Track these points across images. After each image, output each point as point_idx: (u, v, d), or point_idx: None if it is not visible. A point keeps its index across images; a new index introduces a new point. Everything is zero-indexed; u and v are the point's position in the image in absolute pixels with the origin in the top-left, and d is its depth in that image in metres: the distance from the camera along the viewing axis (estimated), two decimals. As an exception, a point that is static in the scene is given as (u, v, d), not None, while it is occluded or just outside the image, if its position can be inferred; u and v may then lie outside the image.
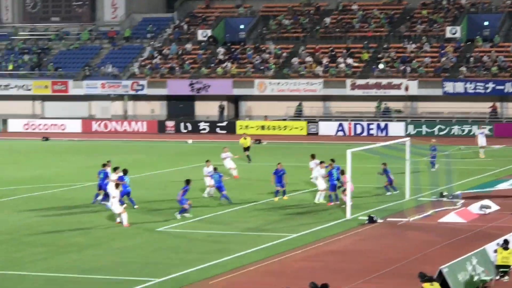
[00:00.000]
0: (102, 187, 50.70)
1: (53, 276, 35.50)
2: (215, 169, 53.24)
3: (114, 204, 44.56)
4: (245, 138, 71.77)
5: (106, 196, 49.24)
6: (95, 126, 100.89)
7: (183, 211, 46.73)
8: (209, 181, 53.56)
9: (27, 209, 50.29)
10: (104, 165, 52.32)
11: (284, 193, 52.42)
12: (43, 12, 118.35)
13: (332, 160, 52.77)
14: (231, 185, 56.30)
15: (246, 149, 70.42)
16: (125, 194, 49.54)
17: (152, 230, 44.70)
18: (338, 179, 51.28)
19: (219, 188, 51.88)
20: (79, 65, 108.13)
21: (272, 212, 49.23)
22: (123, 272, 36.18)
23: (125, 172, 50.98)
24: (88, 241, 42.06)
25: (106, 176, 51.19)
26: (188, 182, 46.64)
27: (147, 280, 34.70)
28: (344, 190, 48.69)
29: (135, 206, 49.51)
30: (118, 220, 44.53)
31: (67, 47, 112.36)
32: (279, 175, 51.87)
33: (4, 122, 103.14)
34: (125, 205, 46.43)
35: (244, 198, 53.57)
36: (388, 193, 53.76)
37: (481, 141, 72.77)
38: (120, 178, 49.97)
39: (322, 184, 51.38)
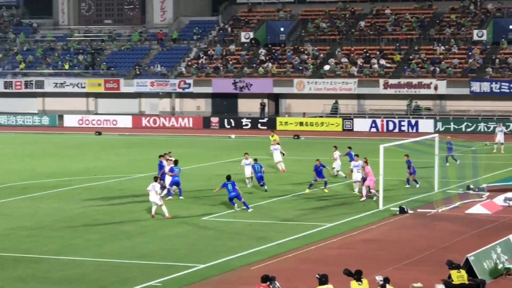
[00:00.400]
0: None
1: (105, 261, 35.61)
2: (255, 160, 53.19)
3: (152, 196, 44.20)
4: (273, 134, 68.95)
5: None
6: (144, 121, 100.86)
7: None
8: (248, 172, 53.65)
9: (82, 199, 50.39)
10: (160, 156, 52.42)
11: (325, 184, 52.01)
12: (96, 15, 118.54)
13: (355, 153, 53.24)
14: (272, 177, 56.17)
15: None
16: (174, 183, 49.41)
17: (197, 219, 44.51)
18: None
19: (260, 178, 51.73)
20: (130, 65, 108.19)
21: (309, 203, 49.01)
22: (170, 258, 36.24)
23: (175, 162, 50.84)
24: (138, 229, 42.03)
25: (161, 167, 51.29)
26: (228, 178, 46.39)
27: (192, 265, 34.74)
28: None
29: (181, 197, 49.33)
30: (153, 212, 44.07)
31: (118, 48, 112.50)
32: (318, 171, 51.50)
33: (60, 117, 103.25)
34: (170, 197, 46.20)
35: (283, 189, 53.35)
36: (407, 186, 53.17)
37: (500, 138, 72.37)
38: (171, 170, 49.98)
39: (357, 176, 51.01)
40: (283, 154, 60.27)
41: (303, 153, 67.23)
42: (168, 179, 49.70)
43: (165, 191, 49.29)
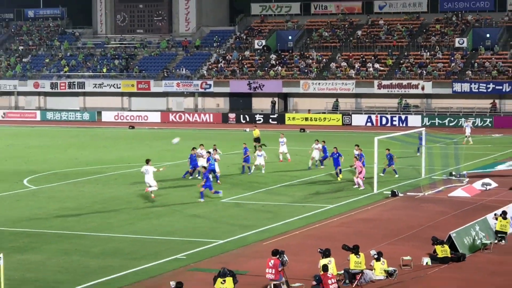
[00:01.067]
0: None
1: (137, 238, 35.68)
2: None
3: (147, 178, 44.15)
4: (255, 128, 68.46)
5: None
6: (171, 117, 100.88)
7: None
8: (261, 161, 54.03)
9: (117, 184, 50.41)
10: (193, 149, 52.25)
11: (340, 172, 51.63)
12: (130, 25, 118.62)
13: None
14: (281, 166, 56.08)
15: (257, 139, 65.33)
16: (211, 170, 49.38)
17: (217, 201, 44.51)
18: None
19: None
20: (159, 68, 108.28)
21: (313, 188, 49.02)
22: (193, 234, 36.29)
23: (209, 153, 51.45)
24: (165, 210, 42.06)
25: (193, 158, 51.64)
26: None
27: (212, 241, 34.76)
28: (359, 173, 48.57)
29: (218, 181, 49.18)
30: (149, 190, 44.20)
31: (149, 54, 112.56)
32: (335, 158, 51.40)
33: (99, 113, 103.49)
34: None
35: (291, 175, 53.24)
36: (381, 174, 52.10)
37: (467, 131, 72.58)
38: (208, 159, 50.16)
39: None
40: (265, 145, 59.19)
41: (309, 144, 67.04)
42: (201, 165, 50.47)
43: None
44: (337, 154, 51.52)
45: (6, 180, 51.95)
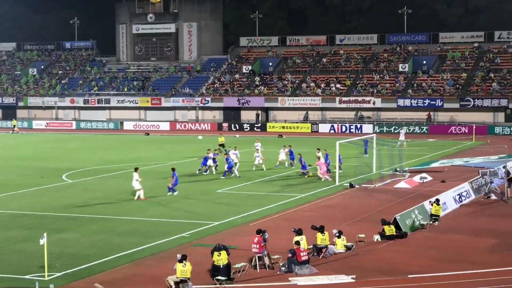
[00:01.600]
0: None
1: (151, 220, 35.68)
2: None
3: (133, 183, 42.04)
4: (220, 136, 66.79)
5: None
6: (178, 126, 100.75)
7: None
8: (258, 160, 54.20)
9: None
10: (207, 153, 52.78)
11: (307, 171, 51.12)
12: (145, 54, 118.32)
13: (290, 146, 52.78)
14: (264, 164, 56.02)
15: (222, 145, 64.16)
16: (230, 167, 49.60)
17: (213, 191, 44.47)
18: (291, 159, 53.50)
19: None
20: (168, 88, 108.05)
21: (288, 181, 48.96)
22: (194, 217, 36.31)
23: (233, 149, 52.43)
24: (173, 199, 42.00)
25: (206, 159, 51.77)
26: (173, 169, 44.64)
27: (209, 223, 34.79)
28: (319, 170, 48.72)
29: (238, 176, 50.00)
30: (136, 196, 41.77)
31: (160, 76, 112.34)
32: (303, 163, 50.96)
33: (121, 123, 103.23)
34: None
35: (270, 172, 53.23)
36: (341, 171, 50.79)
37: (402, 137, 72.76)
38: (227, 159, 50.49)
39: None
40: (226, 150, 58.39)
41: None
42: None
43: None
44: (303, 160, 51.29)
45: (49, 175, 51.88)
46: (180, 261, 24.05)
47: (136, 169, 42.69)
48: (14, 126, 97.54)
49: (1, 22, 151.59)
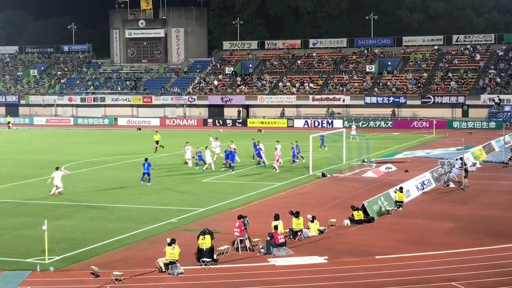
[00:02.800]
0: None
1: (143, 207, 35.65)
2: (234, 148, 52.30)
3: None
4: (156, 134, 63.44)
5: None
6: (167, 121, 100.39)
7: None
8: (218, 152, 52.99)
9: (128, 170, 50.12)
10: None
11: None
12: (137, 56, 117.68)
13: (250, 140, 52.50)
14: (241, 157, 55.82)
15: (157, 142, 61.92)
16: (232, 159, 48.98)
17: (199, 181, 44.41)
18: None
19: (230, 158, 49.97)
20: (158, 87, 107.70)
21: (266, 172, 48.83)
22: (183, 204, 36.35)
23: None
24: (163, 187, 42.00)
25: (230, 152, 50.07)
26: (146, 159, 44.03)
27: (196, 209, 34.89)
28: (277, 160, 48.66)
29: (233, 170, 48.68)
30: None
31: (151, 77, 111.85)
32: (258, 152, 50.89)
33: (115, 119, 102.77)
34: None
35: (251, 163, 53.14)
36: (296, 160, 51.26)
37: (354, 131, 72.04)
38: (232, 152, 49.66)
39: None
40: (162, 147, 58.36)
41: (264, 139, 67.28)
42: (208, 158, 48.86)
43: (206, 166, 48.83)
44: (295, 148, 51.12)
45: (49, 167, 51.40)
46: (169, 244, 24.02)
47: (57, 168, 40.49)
48: (9, 122, 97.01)
49: (4, 27, 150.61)
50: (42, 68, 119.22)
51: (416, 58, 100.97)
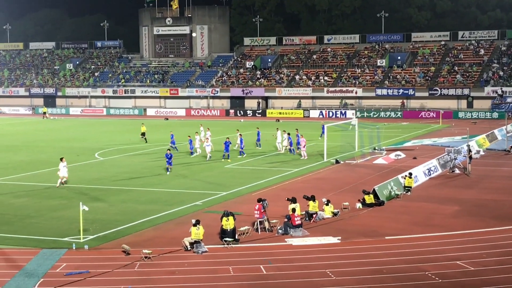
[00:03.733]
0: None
1: (170, 191, 35.68)
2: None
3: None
4: (142, 126, 62.15)
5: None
6: (192, 112, 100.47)
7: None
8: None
9: (156, 156, 50.23)
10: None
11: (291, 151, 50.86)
12: (164, 52, 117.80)
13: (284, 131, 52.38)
14: (263, 144, 55.74)
15: (143, 134, 60.73)
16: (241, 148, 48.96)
17: (222, 166, 44.46)
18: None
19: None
20: (184, 80, 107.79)
21: (283, 158, 48.79)
22: (207, 188, 36.35)
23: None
24: (188, 172, 42.05)
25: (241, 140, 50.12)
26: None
27: (218, 193, 34.85)
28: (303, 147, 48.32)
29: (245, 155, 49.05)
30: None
31: (177, 71, 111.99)
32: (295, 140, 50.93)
33: (145, 110, 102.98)
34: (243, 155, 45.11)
35: (269, 150, 53.09)
36: (291, 153, 50.65)
37: (354, 121, 70.78)
38: (241, 140, 49.57)
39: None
40: (145, 140, 57.51)
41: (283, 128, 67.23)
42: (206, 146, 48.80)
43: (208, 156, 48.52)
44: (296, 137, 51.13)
45: (84, 154, 51.93)
46: (194, 225, 24.10)
47: (61, 159, 38.17)
48: (45, 112, 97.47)
49: (42, 25, 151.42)
50: (77, 62, 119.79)
51: (424, 53, 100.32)
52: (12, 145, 58.93)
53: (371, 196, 31.57)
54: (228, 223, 24.75)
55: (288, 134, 51.17)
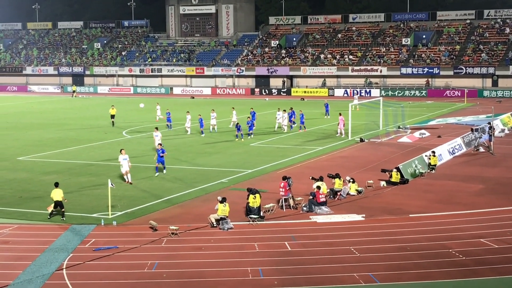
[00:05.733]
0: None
1: (196, 169, 35.84)
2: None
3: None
4: (112, 108, 58.17)
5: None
6: (218, 91, 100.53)
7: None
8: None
9: (182, 134, 50.26)
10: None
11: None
12: (190, 31, 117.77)
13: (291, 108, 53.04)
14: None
15: (112, 116, 57.05)
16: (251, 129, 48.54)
17: (247, 145, 44.49)
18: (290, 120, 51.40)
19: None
20: (210, 59, 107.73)
21: (307, 136, 48.69)
22: (232, 166, 36.40)
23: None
24: (214, 150, 42.15)
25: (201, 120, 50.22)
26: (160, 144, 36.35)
27: (244, 170, 34.94)
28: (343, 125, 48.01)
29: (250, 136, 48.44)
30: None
31: (203, 50, 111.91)
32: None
33: (171, 89, 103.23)
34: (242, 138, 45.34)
35: (291, 130, 52.97)
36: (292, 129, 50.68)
37: (356, 101, 68.92)
38: (247, 122, 49.13)
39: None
40: (113, 125, 55.53)
41: (306, 107, 66.74)
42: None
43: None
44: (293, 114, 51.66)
45: (112, 132, 52.28)
46: (221, 202, 24.21)
47: (121, 151, 34.50)
48: (74, 91, 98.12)
49: (70, 4, 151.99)
50: (105, 41, 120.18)
51: (449, 31, 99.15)
52: (41, 123, 59.46)
53: (398, 173, 31.50)
54: (255, 201, 24.82)
55: (291, 109, 52.15)
